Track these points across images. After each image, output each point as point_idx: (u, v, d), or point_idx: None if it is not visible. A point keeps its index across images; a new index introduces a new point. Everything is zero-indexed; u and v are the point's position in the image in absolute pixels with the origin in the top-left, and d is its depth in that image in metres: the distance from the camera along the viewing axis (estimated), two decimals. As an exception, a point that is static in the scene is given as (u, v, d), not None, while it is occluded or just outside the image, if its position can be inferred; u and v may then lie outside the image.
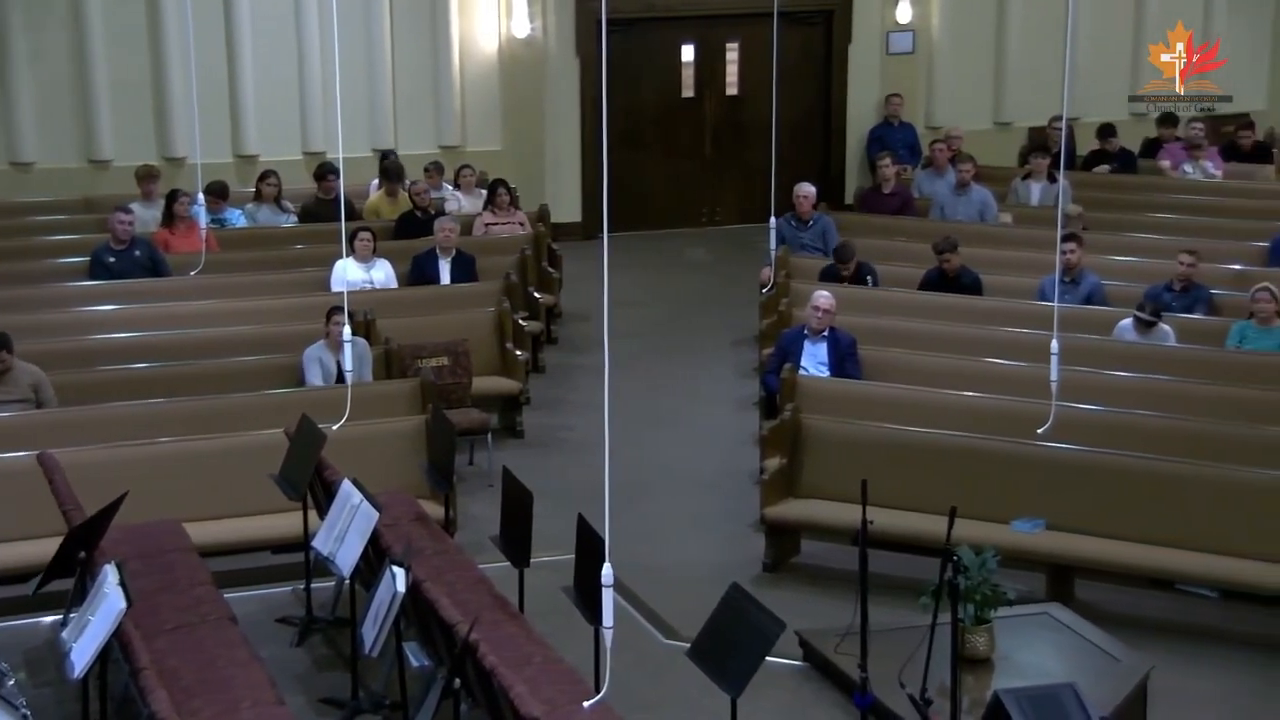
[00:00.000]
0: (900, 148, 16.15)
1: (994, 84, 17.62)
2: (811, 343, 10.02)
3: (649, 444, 10.70)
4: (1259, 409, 8.88)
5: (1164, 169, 15.05)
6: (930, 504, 7.86)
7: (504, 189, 13.63)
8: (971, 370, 9.75)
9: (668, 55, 17.21)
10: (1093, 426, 8.61)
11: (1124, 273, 11.56)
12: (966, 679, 6.51)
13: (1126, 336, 10.12)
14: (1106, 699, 6.38)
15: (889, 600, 7.43)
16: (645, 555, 8.69)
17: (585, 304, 13.65)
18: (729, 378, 12.28)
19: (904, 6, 17.22)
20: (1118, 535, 8.09)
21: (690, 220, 17.41)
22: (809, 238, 12.86)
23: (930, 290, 11.42)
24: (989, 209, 13.48)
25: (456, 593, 6.63)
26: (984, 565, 6.84)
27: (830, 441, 8.87)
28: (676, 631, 7.86)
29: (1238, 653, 7.67)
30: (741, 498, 9.58)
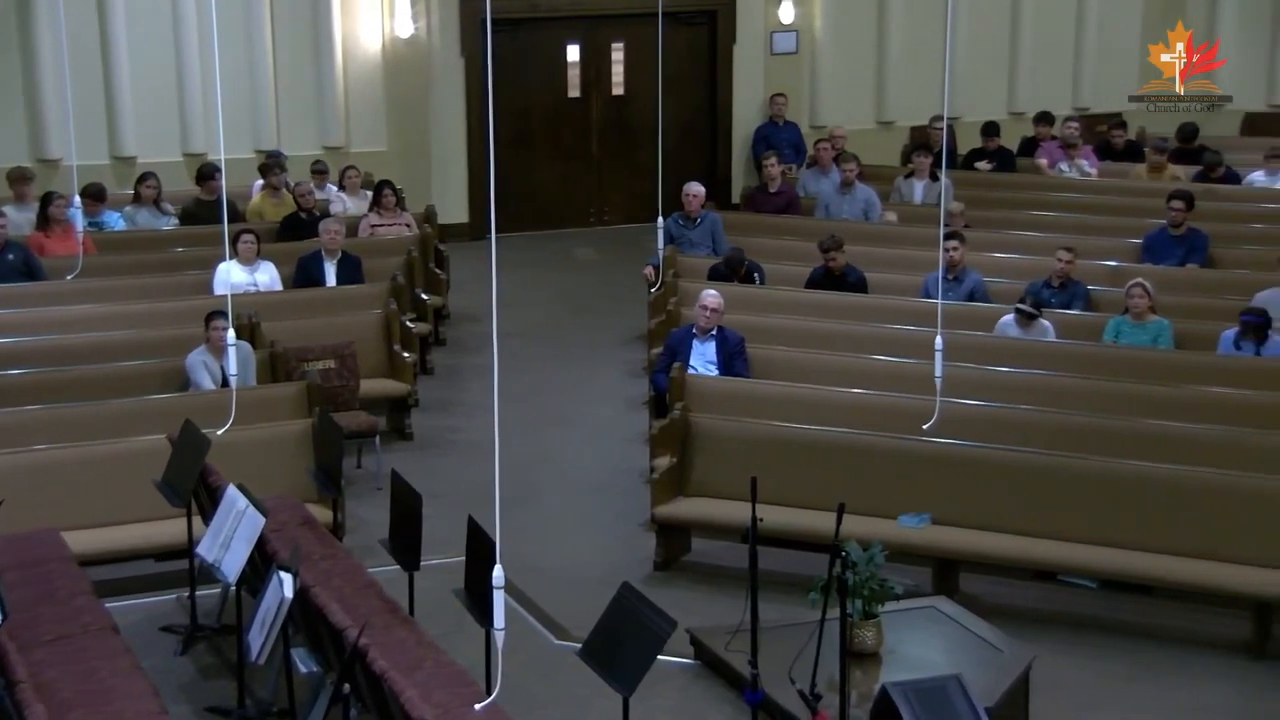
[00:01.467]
0: (785, 147, 16.29)
1: (876, 84, 17.86)
2: (700, 341, 10.07)
3: (539, 445, 10.68)
4: (1135, 402, 9.08)
5: (1041, 167, 15.34)
6: (819, 500, 7.93)
7: (389, 190, 13.52)
8: (858, 367, 9.85)
9: (553, 55, 17.19)
10: (976, 421, 8.75)
11: (1005, 270, 11.75)
12: (855, 673, 6.58)
13: (1009, 332, 10.29)
14: (990, 689, 6.49)
15: (779, 597, 7.49)
16: (536, 556, 8.68)
17: (473, 305, 13.59)
18: (618, 377, 12.30)
19: (787, 7, 17.37)
20: (1001, 528, 8.22)
21: (578, 220, 17.41)
22: (697, 236, 12.92)
23: (816, 288, 11.53)
24: (873, 207, 13.64)
25: (345, 597, 6.56)
26: (871, 560, 6.92)
27: (719, 440, 8.91)
28: (568, 632, 7.85)
29: (1114, 640, 7.85)
30: (632, 497, 9.60)
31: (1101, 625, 8.02)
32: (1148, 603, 8.17)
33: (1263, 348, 9.69)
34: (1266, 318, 9.77)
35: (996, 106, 17.63)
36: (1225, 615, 7.86)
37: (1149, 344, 10.05)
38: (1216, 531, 7.84)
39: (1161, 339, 10.07)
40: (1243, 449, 8.30)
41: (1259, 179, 14.36)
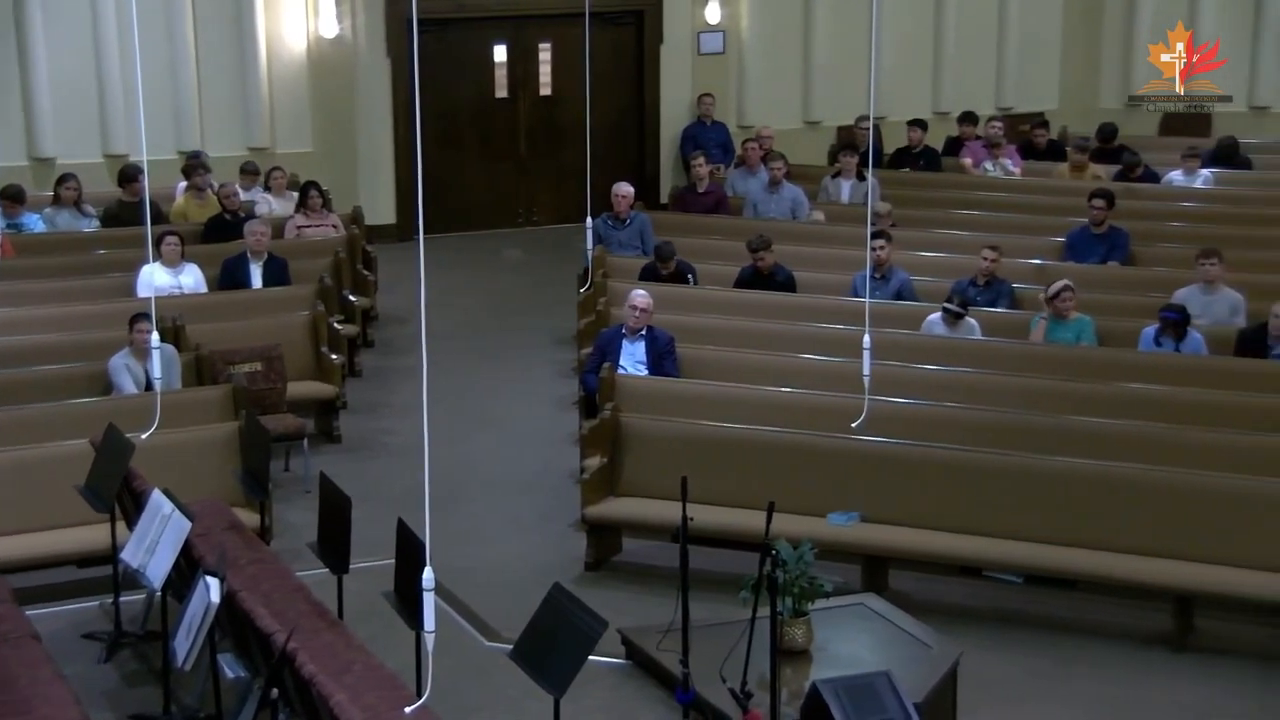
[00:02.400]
0: (713, 147, 16.34)
1: (802, 84, 17.96)
2: (629, 341, 10.07)
3: (469, 446, 10.64)
4: (1059, 399, 9.19)
5: (966, 167, 15.49)
6: (749, 499, 7.95)
7: (316, 191, 13.42)
8: (786, 366, 9.90)
9: (480, 56, 17.13)
10: (904, 419, 8.82)
11: (931, 268, 11.85)
12: (785, 671, 6.61)
13: (935, 330, 10.38)
14: (919, 685, 6.54)
15: (710, 596, 7.51)
16: (466, 558, 8.64)
17: (402, 306, 13.52)
18: (548, 378, 12.28)
19: (713, 7, 17.43)
20: (929, 525, 8.29)
21: (507, 221, 17.37)
22: (626, 237, 12.93)
23: (745, 288, 11.57)
24: (801, 207, 13.71)
25: (273, 602, 6.50)
26: (801, 559, 6.95)
27: (649, 440, 8.92)
28: (498, 633, 7.83)
29: (1039, 635, 7.94)
30: (562, 497, 9.59)
31: (1027, 620, 8.11)
32: (1072, 597, 8.27)
33: (1182, 344, 9.84)
34: (1185, 315, 9.92)
35: (921, 106, 17.78)
36: (1148, 608, 7.97)
37: (1072, 341, 10.17)
38: (1138, 526, 7.94)
39: (1084, 336, 10.20)
40: (1163, 444, 8.43)
41: (1177, 178, 14.59)
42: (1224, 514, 7.83)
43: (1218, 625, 7.88)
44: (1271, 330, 9.64)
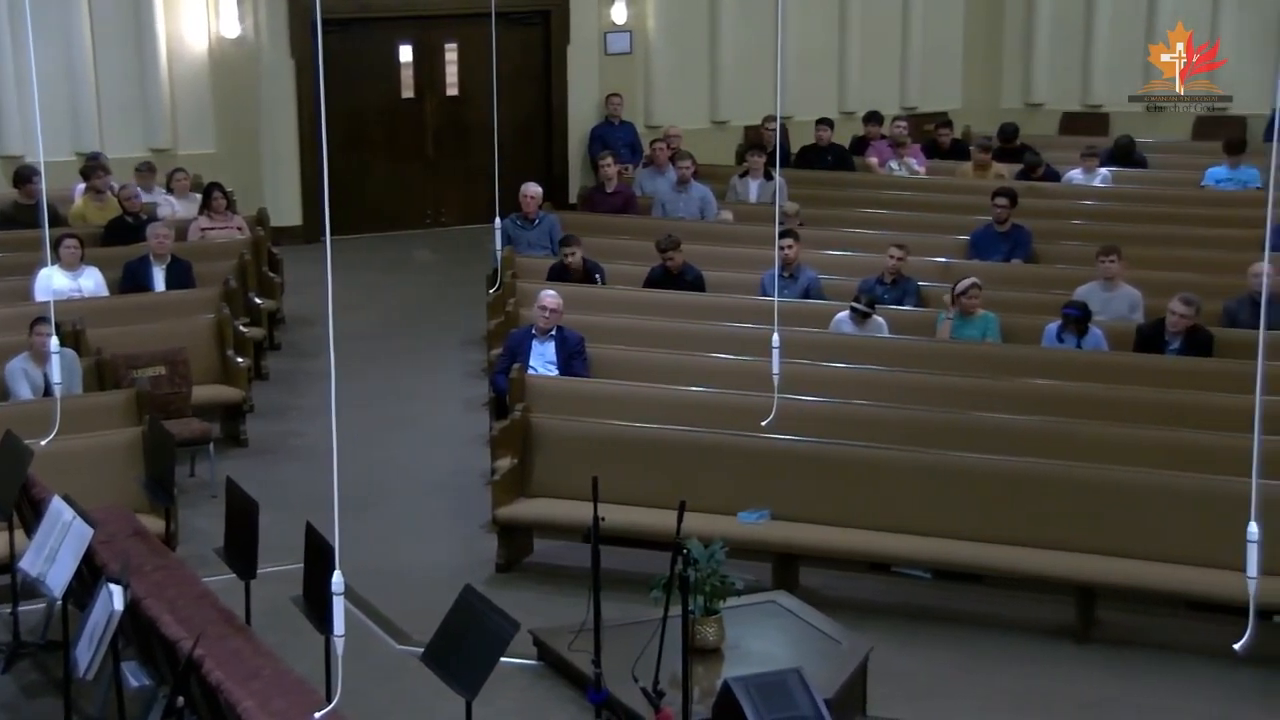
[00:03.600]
0: (621, 147, 16.35)
1: (709, 83, 18.03)
2: (539, 342, 10.05)
3: (378, 448, 10.56)
4: (965, 395, 9.31)
5: (872, 166, 15.64)
6: (660, 499, 7.97)
7: (220, 192, 13.26)
8: (696, 365, 9.93)
9: (385, 56, 17.01)
10: (813, 417, 8.88)
11: (839, 267, 11.95)
12: (697, 669, 6.63)
13: (843, 329, 10.47)
14: (830, 681, 6.59)
15: (622, 595, 7.52)
16: (377, 561, 8.58)
17: (309, 308, 13.39)
18: (457, 379, 12.22)
19: (619, 7, 17.44)
20: (839, 522, 8.36)
21: (415, 222, 17.26)
22: (534, 237, 12.90)
23: (655, 287, 11.59)
24: (709, 206, 13.76)
25: (179, 609, 6.41)
26: (713, 557, 6.97)
27: (560, 440, 8.91)
28: (409, 636, 7.78)
29: (946, 629, 8.03)
30: (473, 499, 9.55)
31: (935, 615, 8.21)
32: (979, 591, 8.38)
33: (1083, 340, 10.00)
34: (1087, 311, 10.08)
35: (827, 106, 17.92)
36: (1052, 601, 8.08)
37: (978, 338, 10.30)
38: (1043, 520, 8.06)
39: (989, 333, 10.33)
40: (1066, 439, 8.56)
41: (1077, 177, 14.83)
42: (1125, 507, 7.96)
43: (1119, 616, 8.02)
44: (1169, 326, 9.83)
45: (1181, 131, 17.89)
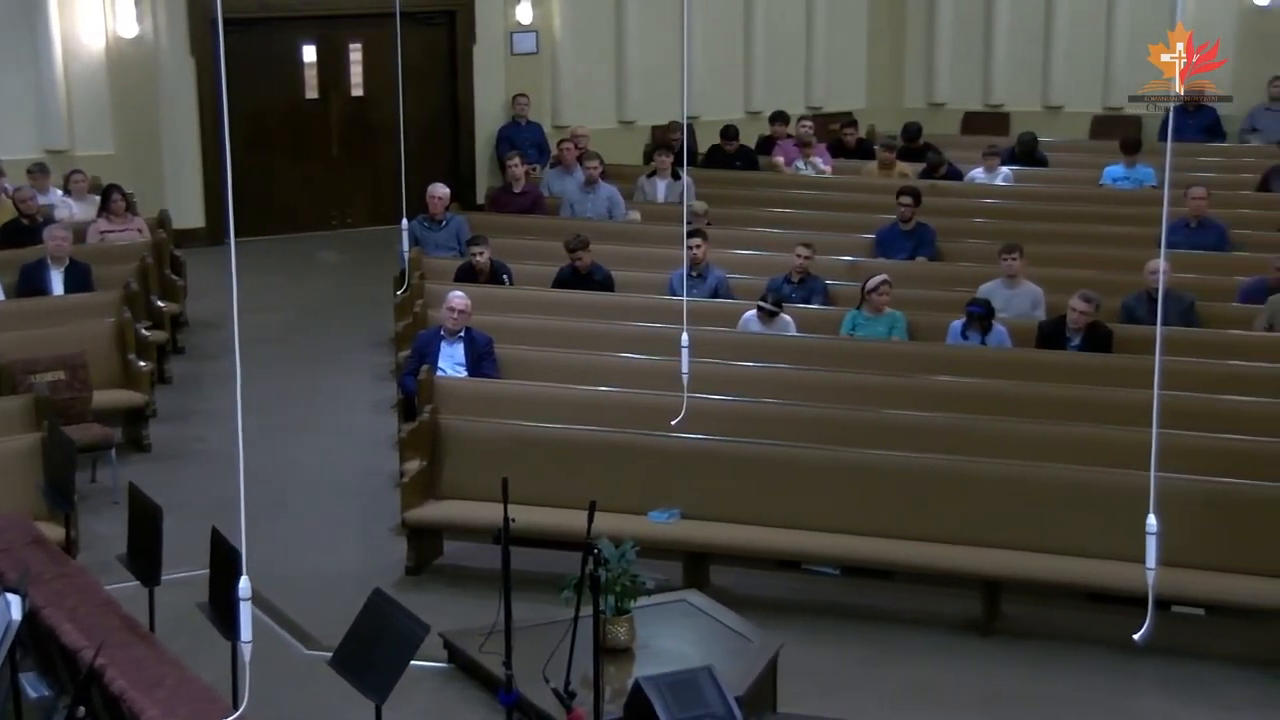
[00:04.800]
0: (528, 147, 16.32)
1: (616, 83, 18.04)
2: (448, 343, 10.00)
3: (285, 451, 10.46)
4: (872, 393, 9.39)
5: (778, 165, 15.74)
6: (570, 499, 7.95)
7: (119, 194, 13.05)
8: (606, 365, 9.93)
9: (288, 56, 16.86)
10: (722, 416, 8.92)
11: (747, 266, 12.01)
12: (609, 669, 6.63)
13: (751, 328, 10.52)
14: (740, 678, 6.63)
15: (532, 596, 7.49)
16: (284, 565, 8.49)
17: (214, 311, 13.23)
18: (366, 381, 12.13)
19: (524, 7, 17.40)
20: (749, 520, 8.40)
21: (320, 223, 17.12)
22: (442, 238, 12.85)
23: (563, 288, 11.59)
24: (617, 206, 13.78)
25: (80, 617, 6.30)
26: (623, 557, 6.98)
27: (469, 441, 8.88)
28: (318, 641, 7.70)
29: (855, 624, 8.11)
30: (381, 501, 9.48)
31: (844, 611, 8.27)
32: (886, 587, 8.46)
33: (987, 337, 10.13)
34: (990, 308, 10.22)
35: (733, 106, 18.02)
36: (958, 595, 8.18)
37: (884, 335, 10.40)
38: (948, 515, 8.15)
39: (896, 330, 10.44)
40: (971, 435, 8.66)
41: (979, 175, 15.03)
42: (1028, 501, 8.08)
43: (1023, 609, 8.13)
44: (1069, 323, 9.99)
45: (1080, 131, 18.21)
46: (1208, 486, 7.85)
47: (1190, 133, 16.46)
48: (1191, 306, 10.50)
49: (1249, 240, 12.47)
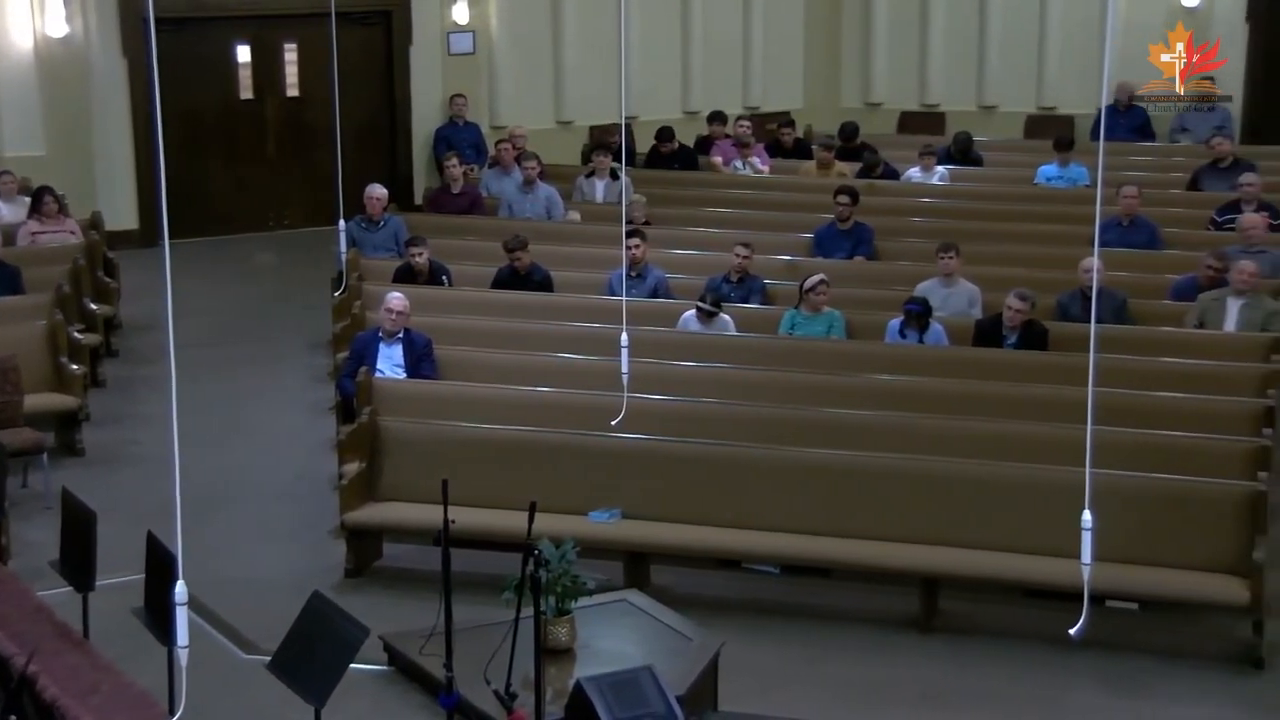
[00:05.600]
0: (466, 147, 16.27)
1: (554, 84, 18.01)
2: (386, 345, 9.95)
3: (223, 455, 10.37)
4: (811, 391, 9.43)
5: (716, 165, 15.77)
6: (511, 500, 7.94)
7: (50, 196, 12.89)
8: (545, 366, 9.92)
9: (222, 56, 16.72)
10: (662, 416, 8.92)
11: (686, 266, 12.03)
12: (550, 670, 6.62)
13: (691, 327, 10.54)
14: (681, 677, 6.63)
15: (473, 598, 7.47)
16: (222, 569, 8.41)
17: (149, 314, 13.09)
18: (303, 383, 12.05)
19: (461, 7, 17.35)
20: (689, 520, 8.42)
21: (257, 225, 16.98)
22: (380, 239, 12.78)
23: (502, 288, 11.56)
24: (556, 206, 13.76)
25: (11, 624, 6.22)
26: (564, 557, 6.97)
27: (409, 443, 8.84)
28: (256, 645, 7.64)
29: (796, 623, 8.14)
30: (320, 504, 9.42)
31: (784, 609, 8.31)
32: (827, 585, 8.50)
33: (924, 336, 10.20)
34: (927, 307, 10.29)
35: (671, 106, 18.05)
36: (897, 593, 8.23)
37: (823, 335, 10.45)
38: (888, 512, 8.21)
39: (834, 329, 10.49)
40: (909, 433, 8.72)
41: (915, 175, 15.13)
42: (966, 498, 8.14)
43: (961, 605, 8.19)
44: (1006, 321, 10.08)
45: (1014, 131, 18.38)
46: (1141, 482, 7.94)
47: (1121, 132, 16.67)
48: (1124, 304, 10.62)
49: (1179, 239, 12.63)
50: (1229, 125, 16.77)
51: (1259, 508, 7.72)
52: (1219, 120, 16.76)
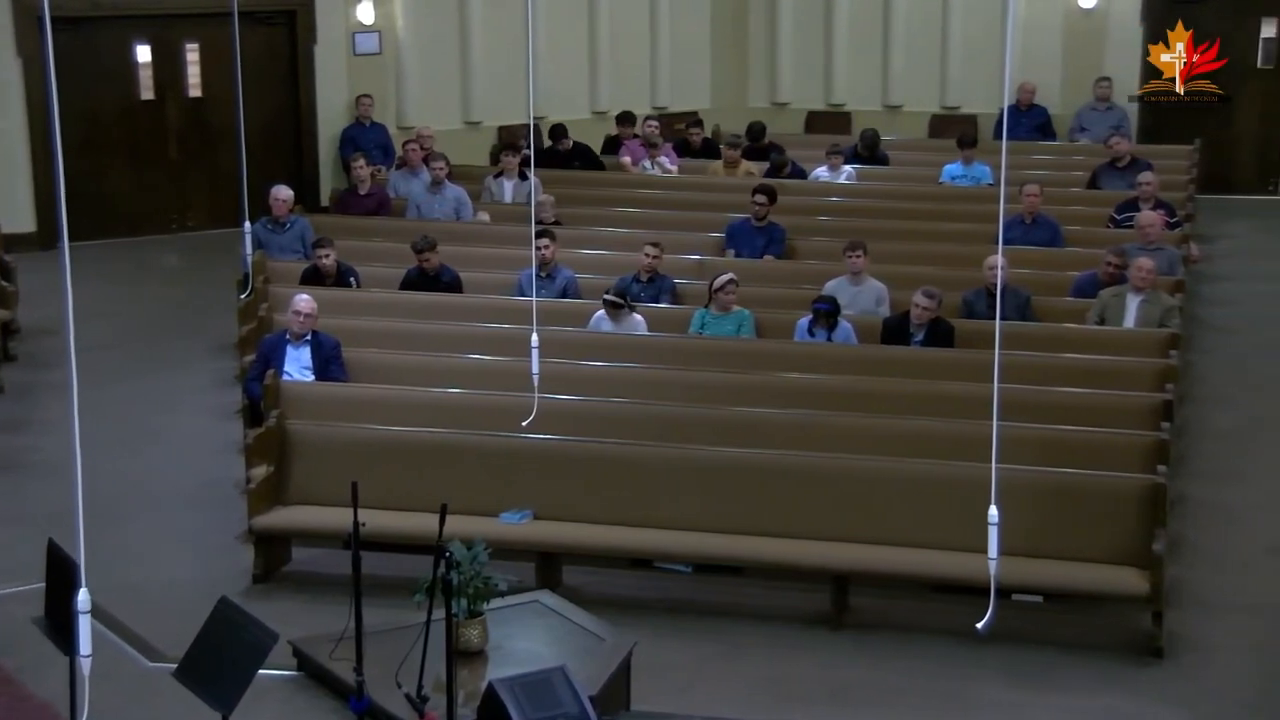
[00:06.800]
0: (373, 148, 16.16)
1: (461, 84, 17.94)
2: (294, 347, 9.85)
3: (126, 460, 10.20)
4: (721, 391, 9.47)
5: (625, 165, 15.79)
6: (422, 502, 7.90)
7: (-55, 198, 12.62)
8: (455, 367, 9.87)
9: (121, 56, 16.46)
10: (573, 416, 8.92)
11: (595, 266, 12.03)
12: (462, 672, 6.60)
13: (602, 327, 10.54)
14: (594, 677, 6.63)
15: (384, 601, 7.41)
16: (126, 576, 8.29)
17: (48, 318, 12.82)
18: (209, 387, 11.89)
19: (365, 7, 17.21)
20: (601, 520, 8.42)
21: (160, 227, 16.73)
22: (286, 241, 12.65)
23: (411, 289, 11.49)
24: (464, 207, 13.70)
25: (-91, 637, 6.08)
26: (475, 559, 6.94)
27: (318, 446, 8.76)
28: (162, 653, 7.53)
29: (707, 621, 8.16)
30: (227, 509, 9.31)
31: (696, 608, 8.33)
32: (738, 583, 8.54)
33: (833, 334, 10.29)
34: (836, 305, 10.38)
35: (579, 106, 18.05)
36: (808, 590, 8.28)
37: (732, 334, 10.50)
38: (798, 510, 8.26)
39: (744, 329, 10.54)
40: (819, 431, 8.79)
41: (822, 174, 15.25)
42: (875, 495, 8.21)
43: (871, 602, 8.26)
44: (913, 318, 10.19)
45: (919, 130, 18.59)
46: (1045, 477, 8.06)
47: (1023, 132, 16.94)
48: (1028, 301, 10.77)
49: (1080, 237, 12.85)
50: (1126, 125, 17.10)
51: (1158, 500, 7.87)
52: (1116, 120, 17.09)
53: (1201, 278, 13.91)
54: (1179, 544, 8.73)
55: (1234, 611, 8.23)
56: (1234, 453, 10.41)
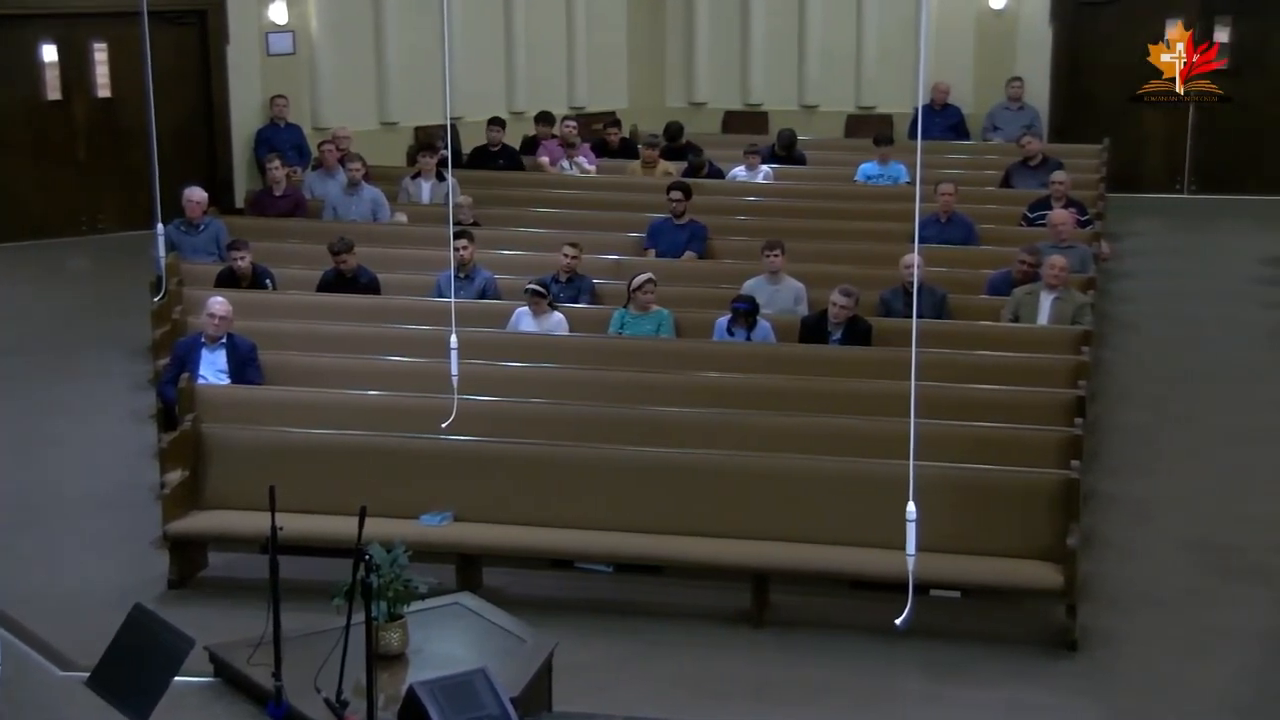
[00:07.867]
0: (288, 149, 16.00)
1: (377, 84, 17.80)
2: (209, 350, 9.75)
3: (36, 466, 10.04)
4: (641, 390, 9.49)
5: (543, 165, 15.77)
6: (341, 505, 7.84)
7: None
8: (374, 369, 9.82)
9: (26, 55, 16.18)
10: (492, 417, 8.90)
11: (514, 266, 12.00)
12: (382, 675, 6.54)
13: (522, 326, 10.53)
14: (516, 679, 6.61)
15: (303, 606, 7.32)
16: (35, 584, 8.17)
17: (-46, 322, 12.62)
18: (122, 391, 11.72)
19: (279, 7, 17.03)
20: (521, 521, 8.40)
21: (68, 229, 16.46)
22: (200, 242, 12.52)
23: (328, 291, 11.40)
24: (381, 208, 13.62)
25: None
26: (395, 562, 6.90)
27: (234, 450, 8.67)
28: (74, 661, 7.39)
29: (628, 621, 8.18)
30: (141, 514, 9.18)
31: (617, 607, 8.34)
32: (658, 582, 8.56)
33: (752, 333, 10.34)
34: (755, 304, 10.43)
35: (497, 106, 17.98)
36: (728, 588, 8.31)
37: (652, 333, 10.52)
38: (717, 509, 8.29)
39: (663, 328, 10.56)
40: (737, 430, 8.83)
41: (740, 174, 15.32)
42: (794, 493, 8.26)
43: (791, 599, 8.31)
44: (831, 317, 10.26)
45: (835, 130, 18.72)
46: (961, 473, 8.15)
47: (937, 131, 17.11)
48: (944, 300, 10.89)
49: (994, 235, 13.00)
50: (1038, 124, 17.34)
51: (1072, 495, 7.99)
52: (1028, 119, 17.32)
53: (1111, 275, 14.13)
54: (1092, 538, 8.87)
55: (1145, 605, 8.38)
56: (1143, 448, 10.59)
